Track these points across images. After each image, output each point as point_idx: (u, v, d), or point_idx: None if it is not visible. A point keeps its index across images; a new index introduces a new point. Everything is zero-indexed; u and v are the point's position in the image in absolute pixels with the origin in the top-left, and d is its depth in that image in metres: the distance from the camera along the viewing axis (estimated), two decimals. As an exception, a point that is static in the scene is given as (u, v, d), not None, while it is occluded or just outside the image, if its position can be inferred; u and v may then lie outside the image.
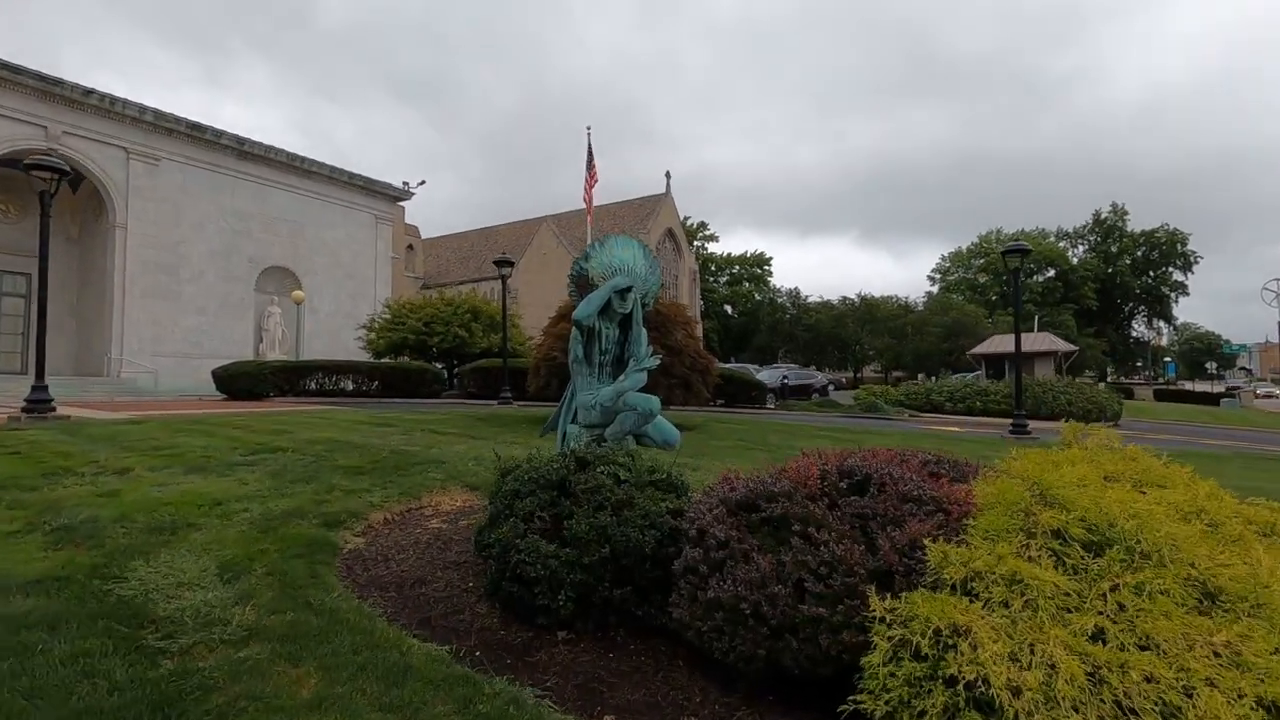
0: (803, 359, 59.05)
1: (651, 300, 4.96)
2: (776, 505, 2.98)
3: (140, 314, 24.01)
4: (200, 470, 5.87)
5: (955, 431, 14.83)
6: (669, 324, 10.81)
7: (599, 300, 4.31)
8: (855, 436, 11.64)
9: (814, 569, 2.63)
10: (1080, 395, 19.86)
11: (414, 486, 5.73)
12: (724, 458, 8.25)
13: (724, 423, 13.57)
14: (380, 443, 7.96)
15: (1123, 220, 71.54)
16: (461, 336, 24.58)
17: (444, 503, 5.42)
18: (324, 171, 29.87)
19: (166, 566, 3.46)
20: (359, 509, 4.90)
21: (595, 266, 4.66)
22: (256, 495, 5.07)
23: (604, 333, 4.54)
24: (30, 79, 21.07)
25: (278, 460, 6.48)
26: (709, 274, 71.01)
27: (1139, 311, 74.24)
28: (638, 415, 4.29)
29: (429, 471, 6.32)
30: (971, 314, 57.30)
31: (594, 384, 4.59)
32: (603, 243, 4.74)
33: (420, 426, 10.03)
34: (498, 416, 12.68)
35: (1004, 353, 24.69)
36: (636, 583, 3.03)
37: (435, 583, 3.60)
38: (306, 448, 7.35)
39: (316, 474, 5.91)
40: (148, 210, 24.16)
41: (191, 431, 8.40)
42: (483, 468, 6.65)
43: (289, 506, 4.79)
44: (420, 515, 5.09)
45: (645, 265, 4.78)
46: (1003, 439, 12.53)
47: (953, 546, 2.40)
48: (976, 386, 21.21)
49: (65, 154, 22.33)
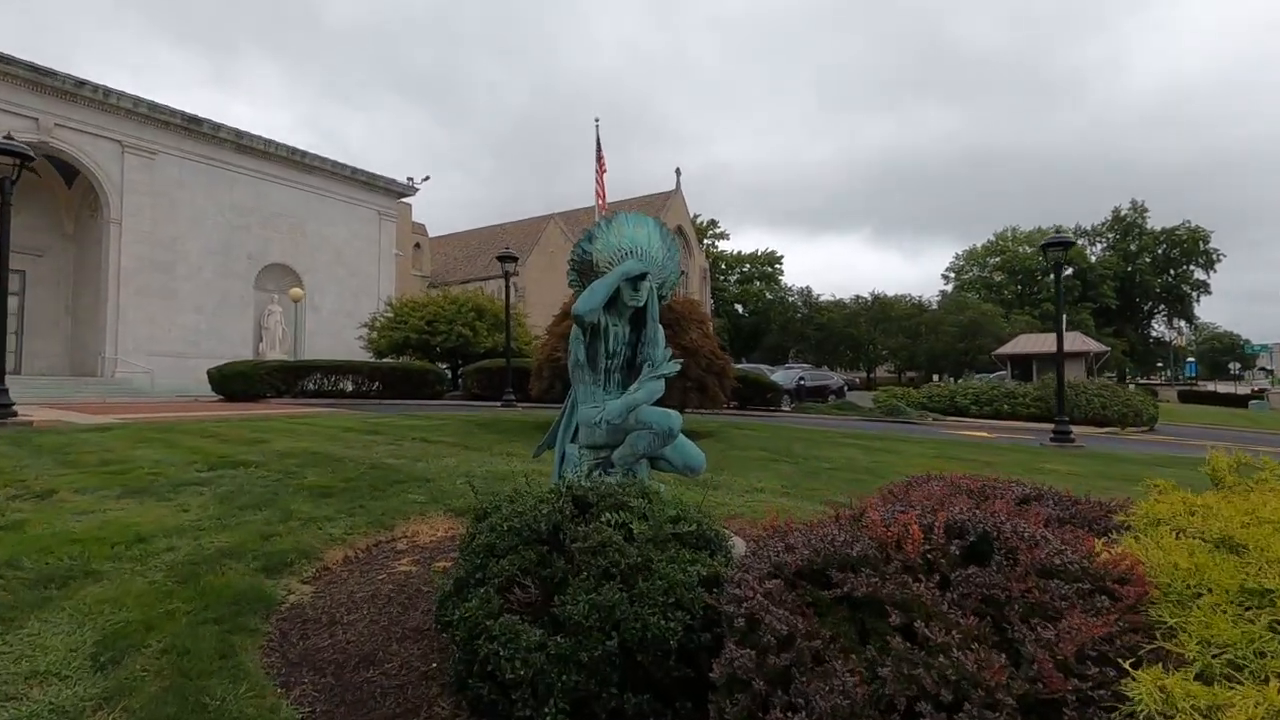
0: (814, 359, 57.94)
1: (669, 291, 4.06)
2: (858, 579, 2.07)
3: (135, 312, 23.32)
4: (139, 493, 5.02)
5: (988, 438, 13.86)
6: (683, 322, 9.91)
7: (605, 290, 3.42)
8: (886, 445, 10.71)
9: (930, 690, 1.73)
10: (1114, 398, 18.79)
11: (389, 512, 4.86)
12: (747, 471, 7.35)
13: (741, 428, 12.65)
14: (362, 455, 7.10)
15: (1142, 217, 69.93)
16: (465, 336, 23.77)
17: (421, 533, 4.55)
18: (325, 166, 29.12)
19: (27, 642, 2.60)
20: (314, 545, 4.04)
21: (601, 249, 3.76)
22: (193, 527, 4.21)
23: (611, 331, 3.65)
24: (21, 69, 20.40)
25: (236, 478, 5.63)
26: (719, 272, 69.99)
27: (1159, 310, 72.61)
28: (653, 435, 3.39)
29: (409, 492, 5.46)
30: (988, 313, 56.04)
31: (599, 394, 3.70)
32: (611, 220, 3.84)
33: (412, 434, 9.18)
34: (499, 421, 11.82)
35: (1031, 353, 23.63)
36: (658, 685, 2.15)
37: (388, 662, 2.72)
38: (276, 461, 6.50)
39: (275, 497, 5.05)
40: (143, 205, 23.46)
41: (154, 442, 7.57)
42: (473, 487, 5.78)
43: (228, 543, 3.93)
44: (390, 551, 4.22)
45: (663, 248, 3.87)
46: (1042, 447, 11.57)
47: (1177, 677, 1.48)
48: (1003, 388, 20.16)
49: (58, 147, 21.71)
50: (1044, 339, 25.73)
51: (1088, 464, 9.49)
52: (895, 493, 3.51)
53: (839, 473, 7.69)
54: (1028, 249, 71.08)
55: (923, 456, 9.46)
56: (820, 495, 6.27)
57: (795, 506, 5.75)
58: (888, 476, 7.66)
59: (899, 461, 8.92)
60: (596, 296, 3.37)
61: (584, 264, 3.81)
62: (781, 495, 6.22)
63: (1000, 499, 3.08)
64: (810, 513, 5.68)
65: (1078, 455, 10.52)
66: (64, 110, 21.49)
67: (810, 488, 6.64)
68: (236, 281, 26.27)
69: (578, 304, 3.34)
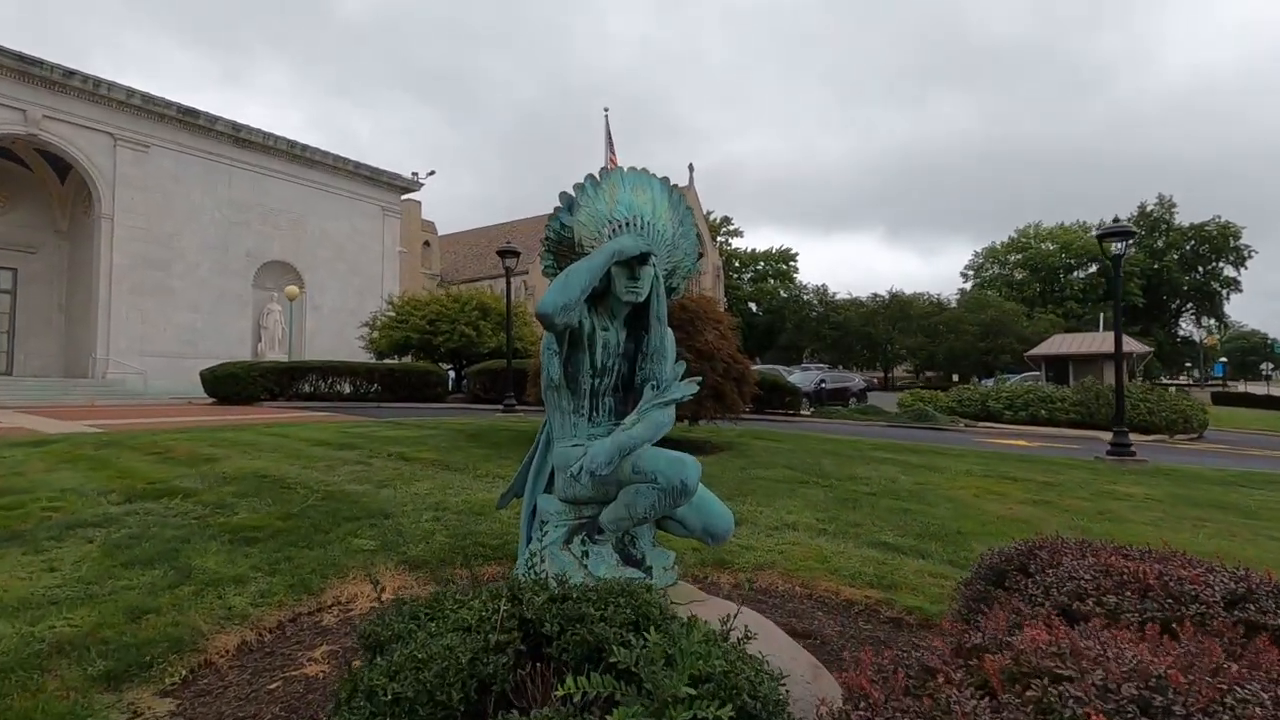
0: (831, 358, 56.56)
1: (682, 282, 2.93)
2: None
3: (128, 311, 22.51)
4: (10, 540, 3.98)
5: (1030, 448, 12.62)
6: (698, 321, 8.78)
7: (586, 277, 2.30)
8: (924, 460, 9.53)
9: None
10: (1162, 403, 17.44)
11: (323, 566, 3.80)
12: (773, 499, 6.23)
13: (761, 438, 11.51)
14: (320, 478, 6.05)
15: (1170, 213, 67.74)
16: (469, 335, 22.79)
17: (359, 599, 3.48)
18: (327, 160, 28.23)
19: None
20: (200, 626, 2.97)
21: (587, 221, 2.64)
22: (45, 599, 3.16)
23: (599, 337, 2.55)
24: (7, 59, 19.59)
25: (148, 517, 4.59)
26: (732, 270, 68.71)
27: (1187, 309, 70.40)
28: (659, 493, 2.28)
29: (357, 535, 4.39)
30: (1011, 311, 54.42)
31: (582, 427, 2.60)
32: (600, 181, 2.73)
33: (391, 447, 8.13)
34: (493, 431, 10.75)
35: (1067, 354, 22.23)
36: None
37: None
38: (213, 489, 5.47)
39: (183, 545, 4.00)
40: (136, 200, 22.64)
41: (83, 461, 6.56)
42: (441, 525, 4.71)
43: (77, 627, 2.87)
44: (309, 629, 3.15)
45: (672, 219, 2.74)
46: (1099, 461, 10.32)
47: None
48: (1039, 392, 18.83)
49: (46, 140, 20.94)
50: (1081, 339, 24.29)
51: (1161, 484, 8.28)
52: (1010, 570, 2.38)
53: (879, 499, 6.56)
54: (1050, 246, 69.18)
55: (969, 475, 8.30)
56: (864, 533, 5.15)
57: (836, 551, 4.64)
58: (936, 505, 6.52)
59: (944, 482, 7.78)
60: (572, 288, 2.25)
61: (562, 243, 2.70)
62: (818, 533, 5.10)
63: (1199, 604, 1.96)
64: (855, 559, 4.56)
65: (1144, 472, 9.30)
66: (53, 101, 20.68)
67: (850, 521, 5.52)
68: (235, 279, 25.43)
69: (544, 299, 2.22)
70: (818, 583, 3.98)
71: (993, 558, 2.69)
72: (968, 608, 2.58)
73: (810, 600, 3.77)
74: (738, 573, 4.10)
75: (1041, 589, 2.22)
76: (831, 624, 3.43)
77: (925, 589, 3.89)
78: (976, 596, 2.57)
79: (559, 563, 2.51)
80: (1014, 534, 5.42)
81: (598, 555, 2.54)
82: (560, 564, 2.50)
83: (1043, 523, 5.79)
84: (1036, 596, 2.15)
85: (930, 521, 5.59)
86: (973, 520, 5.74)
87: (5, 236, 23.20)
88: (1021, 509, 6.35)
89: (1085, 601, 2.04)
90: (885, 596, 3.76)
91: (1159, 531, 5.67)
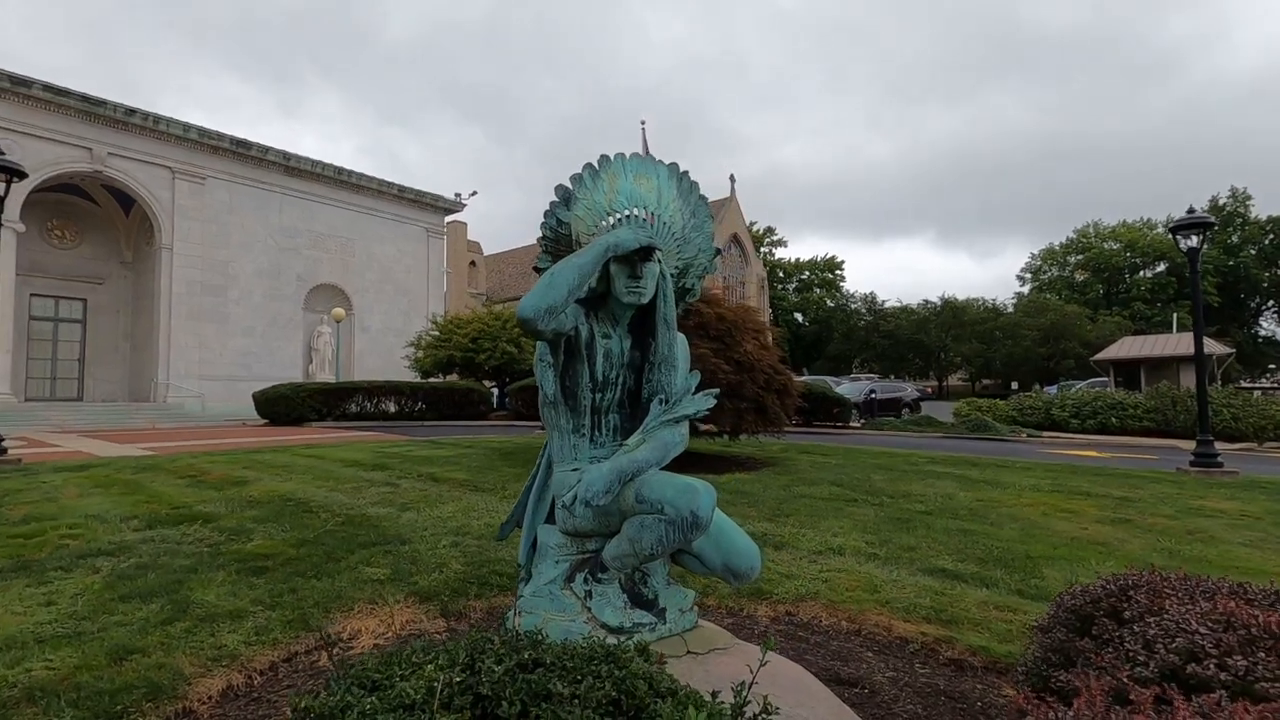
0: (881, 368, 55.03)
1: (697, 281, 2.59)
2: None
3: (187, 336, 23.36)
4: (19, 570, 3.89)
5: (1101, 459, 11.74)
6: (736, 331, 8.38)
7: (576, 275, 1.98)
8: (984, 474, 8.88)
9: None
10: (1248, 408, 16.13)
11: (326, 599, 3.57)
12: (818, 520, 5.79)
13: (807, 452, 10.99)
14: (345, 501, 5.89)
15: (1244, 206, 63.87)
16: (510, 353, 22.83)
17: (363, 634, 3.22)
18: (372, 185, 28.93)
19: None
20: (186, 668, 2.75)
21: (584, 214, 2.34)
22: (32, 636, 3.00)
23: (599, 345, 2.23)
24: (74, 100, 20.69)
25: (164, 544, 4.46)
26: (777, 281, 67.72)
27: (1268, 307, 66.05)
28: (667, 526, 1.94)
29: (370, 564, 4.16)
30: (1073, 314, 52.00)
31: (583, 449, 2.29)
32: (600, 169, 2.43)
33: (422, 467, 7.97)
34: (529, 448, 10.54)
35: (1138, 357, 20.86)
36: None
37: None
38: (235, 514, 5.35)
39: (189, 575, 3.83)
40: (193, 230, 23.56)
41: (117, 486, 6.57)
42: (459, 552, 4.45)
43: (55, 670, 2.69)
44: (304, 671, 2.90)
45: (681, 209, 2.41)
46: (1181, 473, 9.45)
47: None
48: (1109, 398, 17.66)
49: (111, 175, 21.96)
50: (1152, 341, 22.79)
51: (1256, 500, 7.46)
52: (1098, 615, 1.94)
53: (935, 519, 6.03)
54: (1113, 245, 66.04)
55: (1035, 491, 7.64)
56: (919, 558, 4.67)
57: (888, 579, 4.18)
58: (999, 525, 5.95)
59: (1007, 498, 7.16)
60: (558, 289, 1.93)
61: (560, 241, 2.41)
62: (868, 558, 4.65)
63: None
64: (909, 588, 4.09)
65: (1235, 485, 8.44)
66: (116, 139, 21.74)
67: (903, 545, 5.04)
68: (286, 303, 26.17)
69: (524, 301, 1.92)
70: (866, 616, 3.55)
71: (1074, 598, 2.24)
72: (1045, 661, 2.14)
73: (858, 638, 3.35)
74: (777, 604, 3.70)
75: (1143, 643, 1.78)
76: (882, 667, 3.00)
77: (991, 624, 3.42)
78: (1056, 648, 2.13)
79: (558, 604, 2.20)
80: (1090, 558, 4.86)
81: (603, 596, 2.21)
82: (559, 606, 2.19)
83: (1123, 545, 5.20)
84: (1137, 655, 1.72)
85: (994, 544, 5.06)
86: (1042, 542, 5.18)
87: (75, 269, 24.42)
88: (1098, 529, 5.73)
89: (1203, 664, 1.60)
90: (944, 633, 3.30)
91: (1260, 554, 5.01)
